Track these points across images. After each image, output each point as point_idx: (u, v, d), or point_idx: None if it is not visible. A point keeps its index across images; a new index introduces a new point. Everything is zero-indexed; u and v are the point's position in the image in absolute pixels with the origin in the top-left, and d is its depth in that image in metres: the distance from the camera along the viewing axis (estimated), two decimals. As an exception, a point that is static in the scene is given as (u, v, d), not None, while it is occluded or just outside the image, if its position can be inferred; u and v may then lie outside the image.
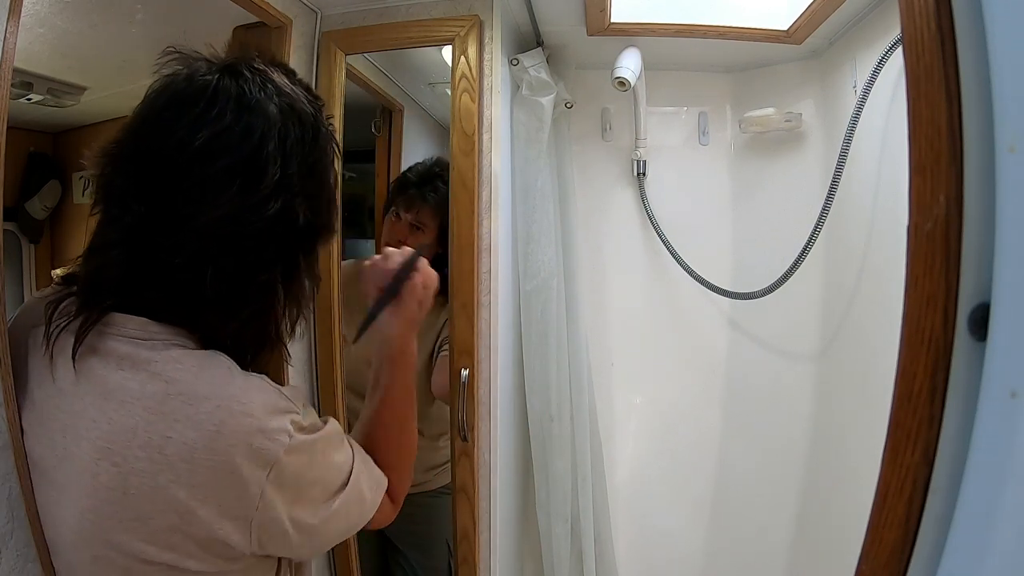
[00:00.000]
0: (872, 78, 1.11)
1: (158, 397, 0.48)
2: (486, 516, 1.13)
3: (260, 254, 0.54)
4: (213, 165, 0.50)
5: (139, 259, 0.51)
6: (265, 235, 0.53)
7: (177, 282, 0.51)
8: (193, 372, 0.50)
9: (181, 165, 0.50)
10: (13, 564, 0.52)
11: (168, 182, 0.50)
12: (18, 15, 0.56)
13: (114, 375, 0.49)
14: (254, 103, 0.52)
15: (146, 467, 0.47)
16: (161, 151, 0.50)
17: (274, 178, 0.52)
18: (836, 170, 1.21)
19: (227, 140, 0.51)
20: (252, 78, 0.54)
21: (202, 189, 0.50)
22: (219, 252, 0.51)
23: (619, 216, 1.57)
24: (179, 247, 0.50)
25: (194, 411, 0.48)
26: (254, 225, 0.52)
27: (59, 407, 0.51)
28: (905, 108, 0.33)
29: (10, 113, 0.56)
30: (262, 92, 0.53)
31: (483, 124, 1.12)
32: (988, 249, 0.29)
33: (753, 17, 1.29)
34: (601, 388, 1.49)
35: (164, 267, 0.51)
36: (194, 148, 0.49)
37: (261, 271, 0.54)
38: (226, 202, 0.50)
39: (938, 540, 0.30)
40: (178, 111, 0.51)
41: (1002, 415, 0.27)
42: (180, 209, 0.50)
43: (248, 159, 0.51)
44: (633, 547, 1.55)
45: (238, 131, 0.51)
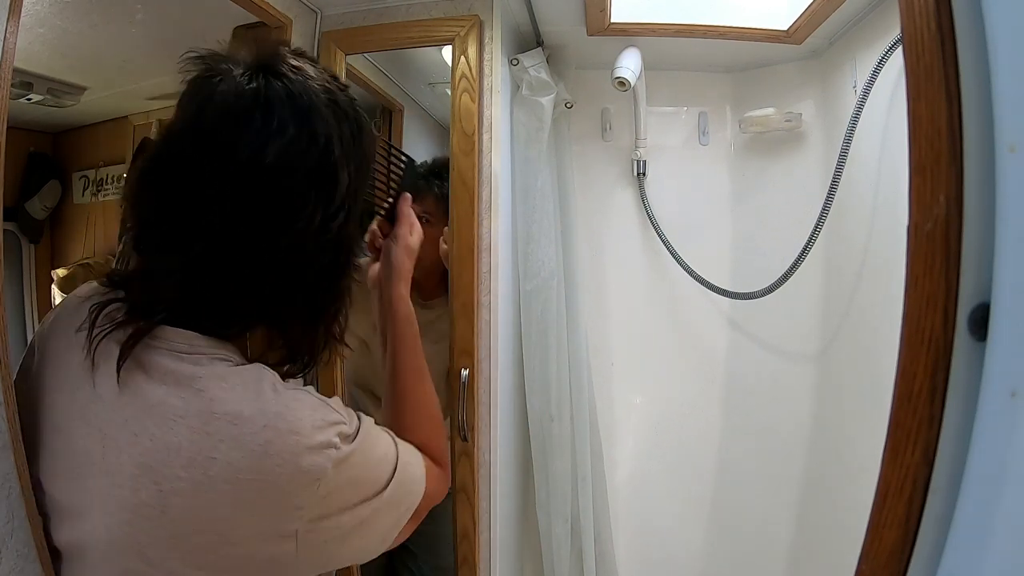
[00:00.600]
0: (872, 78, 1.11)
1: (203, 416, 0.47)
2: (486, 516, 1.13)
3: (338, 260, 0.54)
4: (290, 179, 0.48)
5: (205, 284, 0.50)
6: (343, 241, 0.53)
7: (250, 302, 0.51)
8: (238, 391, 0.48)
9: (256, 184, 0.48)
10: (13, 564, 0.52)
11: (242, 204, 0.48)
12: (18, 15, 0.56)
13: (157, 390, 0.48)
14: (308, 106, 0.50)
15: (188, 488, 0.46)
16: (227, 171, 0.48)
17: (345, 184, 0.52)
18: (836, 170, 1.21)
19: (297, 150, 0.49)
20: (295, 78, 0.51)
21: (283, 206, 0.49)
22: (304, 265, 0.51)
23: (619, 216, 1.57)
24: (259, 269, 0.49)
25: (239, 431, 0.46)
26: (333, 233, 0.51)
27: (98, 414, 0.49)
28: (905, 108, 0.33)
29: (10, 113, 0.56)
30: (309, 93, 0.51)
31: (483, 124, 1.12)
32: (988, 249, 0.29)
33: (753, 17, 1.29)
34: (601, 388, 1.49)
35: (238, 289, 0.50)
36: (267, 164, 0.47)
37: (341, 277, 0.55)
38: (308, 216, 0.49)
39: (938, 540, 0.30)
40: (236, 126, 0.48)
41: (1002, 415, 0.27)
42: (259, 231, 0.48)
43: (320, 168, 0.50)
44: (633, 546, 1.55)
45: (305, 139, 0.49)
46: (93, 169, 1.00)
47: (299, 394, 0.51)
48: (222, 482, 0.46)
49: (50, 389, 0.52)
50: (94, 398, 0.49)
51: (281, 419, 0.48)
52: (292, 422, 0.48)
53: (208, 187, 0.48)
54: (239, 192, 0.48)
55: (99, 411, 0.49)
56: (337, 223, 0.52)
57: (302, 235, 0.50)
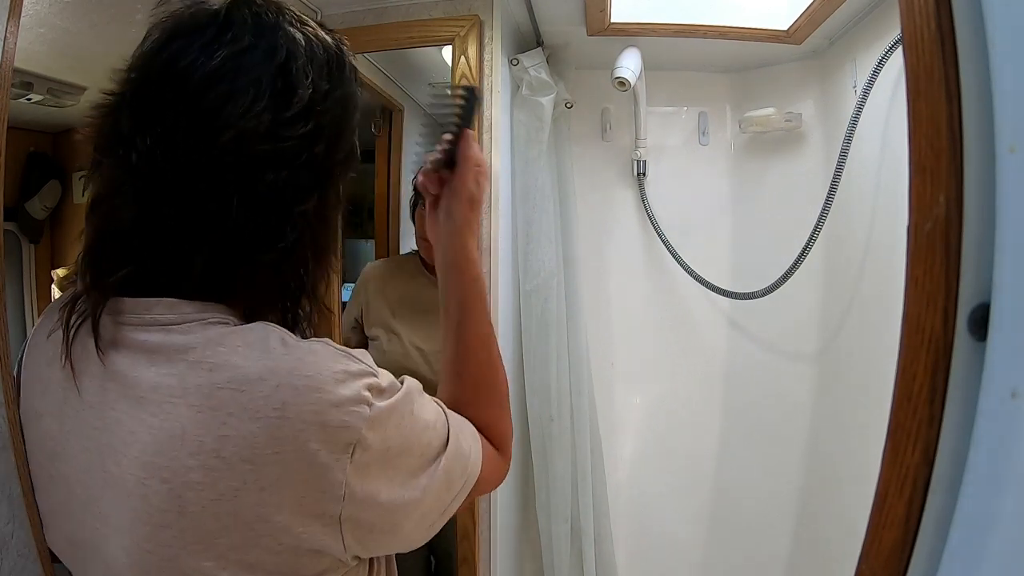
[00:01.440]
0: (872, 78, 1.11)
1: (204, 390, 0.40)
2: (486, 516, 1.13)
3: (296, 178, 0.45)
4: (236, 81, 0.43)
5: (152, 202, 0.43)
6: (301, 156, 0.45)
7: (202, 224, 0.43)
8: (240, 352, 0.41)
9: (197, 86, 0.42)
10: (14, 565, 0.52)
11: (182, 107, 0.42)
12: (18, 15, 0.56)
13: (146, 373, 0.42)
14: (273, 25, 0.45)
15: (201, 477, 0.39)
16: (170, 78, 0.43)
17: (307, 93, 0.45)
18: (836, 170, 1.21)
19: (250, 59, 0.43)
20: (267, 5, 0.47)
21: (225, 105, 0.42)
22: (252, 172, 0.43)
23: (619, 216, 1.57)
24: (201, 172, 0.43)
25: (248, 398, 0.39)
26: (289, 142, 0.44)
27: (91, 424, 0.43)
28: (905, 108, 0.33)
29: (10, 113, 0.56)
30: (280, 17, 0.46)
31: (483, 124, 1.12)
32: (988, 249, 0.29)
33: (753, 17, 1.29)
34: (601, 388, 1.49)
35: (185, 207, 0.43)
36: (211, 67, 0.42)
37: (297, 200, 0.46)
38: (256, 115, 0.43)
39: (938, 540, 0.30)
40: (186, 39, 0.43)
41: (1002, 415, 0.27)
42: (200, 131, 0.42)
43: (276, 73, 0.44)
44: (633, 546, 1.55)
45: (261, 49, 0.44)
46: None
47: (314, 345, 0.43)
48: (240, 462, 0.39)
49: (39, 417, 0.47)
50: (82, 407, 0.44)
51: (296, 374, 0.40)
52: (311, 376, 0.40)
53: (148, 101, 0.43)
54: (178, 97, 0.42)
55: (90, 419, 0.43)
56: (297, 132, 0.44)
57: (250, 136, 0.43)
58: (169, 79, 0.43)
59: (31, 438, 0.49)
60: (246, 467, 0.39)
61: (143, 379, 0.42)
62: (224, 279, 0.45)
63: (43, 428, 0.47)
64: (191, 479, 0.39)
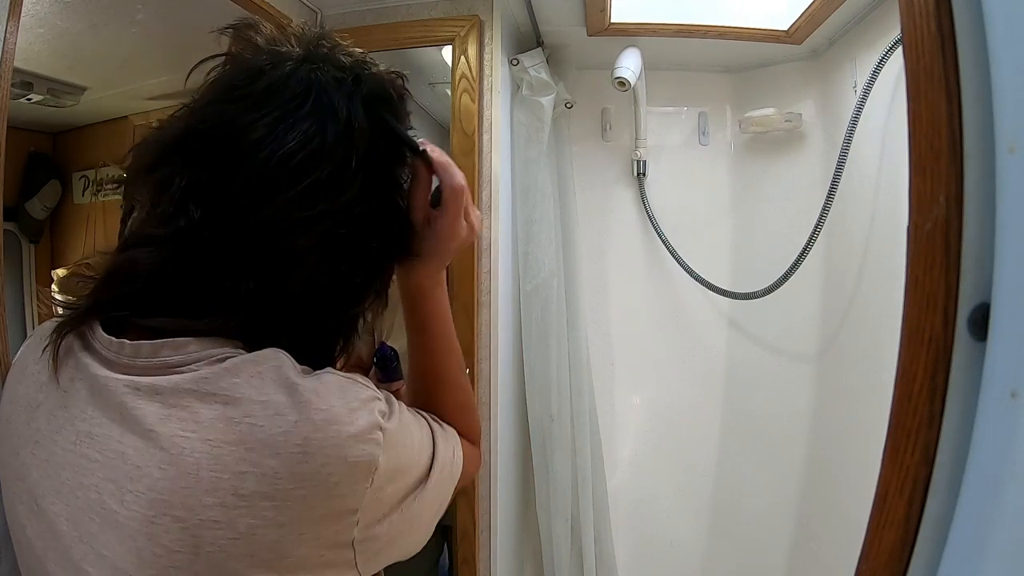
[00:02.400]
0: (872, 78, 1.11)
1: (219, 424, 0.39)
2: (486, 516, 1.13)
3: (364, 282, 0.48)
4: (308, 158, 0.43)
5: (184, 264, 0.43)
6: (374, 257, 0.48)
7: (234, 291, 0.43)
8: (255, 384, 0.40)
9: (266, 159, 0.42)
10: (13, 565, 0.52)
11: (246, 180, 0.43)
12: (18, 15, 0.57)
13: (150, 406, 0.40)
14: (344, 89, 0.46)
15: (219, 516, 0.37)
16: (233, 143, 0.43)
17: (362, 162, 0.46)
18: (836, 170, 1.21)
19: (318, 131, 0.44)
20: (339, 64, 0.47)
21: (294, 182, 0.43)
22: (320, 275, 0.45)
23: (619, 216, 1.57)
24: (251, 247, 0.43)
25: (267, 433, 0.38)
26: (347, 222, 0.45)
27: (89, 457, 0.41)
28: (905, 108, 0.33)
29: (10, 113, 0.56)
30: (350, 81, 0.47)
31: (483, 124, 1.12)
32: (988, 249, 0.29)
33: (753, 17, 1.29)
34: (601, 388, 1.49)
35: (225, 274, 0.43)
36: (285, 145, 0.42)
37: (357, 302, 0.49)
38: (307, 202, 0.43)
39: (938, 540, 0.30)
40: (255, 101, 0.44)
41: (1002, 415, 0.27)
42: (262, 205, 0.42)
43: (338, 142, 0.45)
44: (633, 546, 1.55)
45: (329, 119, 0.44)
46: (93, 169, 1.00)
47: (324, 376, 0.43)
48: (261, 499, 0.38)
49: (24, 445, 0.44)
50: (78, 438, 0.42)
51: (314, 408, 0.40)
52: (327, 409, 0.40)
53: (214, 162, 0.44)
54: (244, 169, 0.43)
55: (87, 451, 0.41)
56: (348, 214, 0.45)
57: (311, 215, 0.43)
58: (236, 151, 0.43)
59: (9, 467, 0.45)
60: (266, 504, 0.38)
61: (148, 412, 0.40)
62: (266, 337, 0.45)
63: (26, 457, 0.43)
64: (208, 518, 0.37)
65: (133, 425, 0.40)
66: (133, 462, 0.39)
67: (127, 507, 0.39)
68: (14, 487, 0.45)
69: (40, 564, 0.42)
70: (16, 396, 0.46)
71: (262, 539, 0.38)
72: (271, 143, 0.42)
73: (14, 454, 0.44)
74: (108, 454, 0.40)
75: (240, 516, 0.38)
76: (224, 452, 0.38)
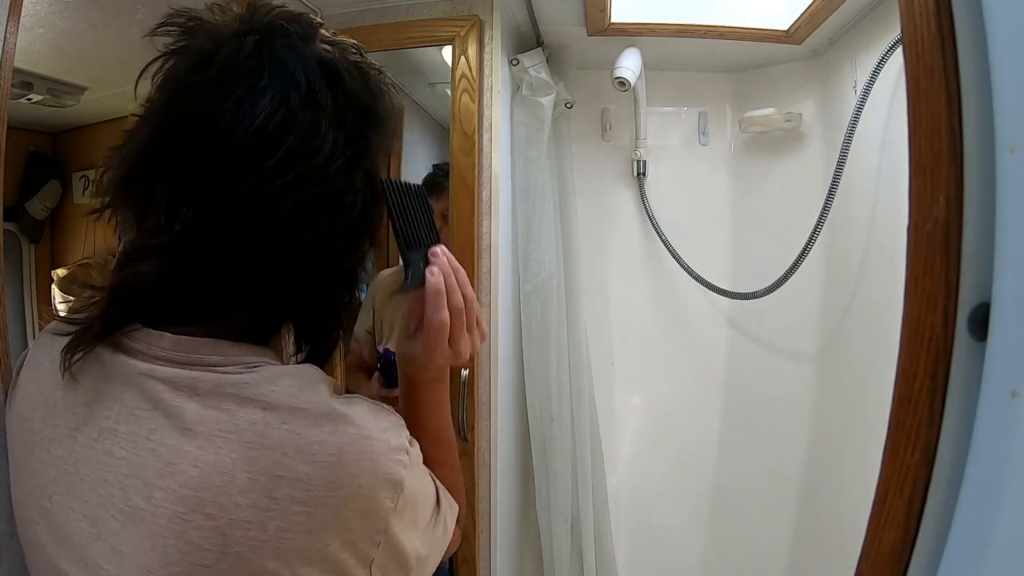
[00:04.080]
0: (872, 78, 1.11)
1: (258, 428, 0.39)
2: (486, 516, 1.13)
3: (351, 236, 0.47)
4: (280, 145, 0.42)
5: (189, 266, 0.43)
6: (356, 214, 0.46)
7: (247, 287, 0.44)
8: (293, 393, 0.41)
9: (249, 151, 0.41)
10: (13, 564, 0.51)
11: (234, 173, 0.42)
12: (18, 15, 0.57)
13: (190, 404, 0.40)
14: (311, 59, 0.44)
15: (251, 517, 0.38)
16: (219, 138, 0.42)
17: (355, 144, 0.45)
18: (836, 170, 1.21)
19: (296, 106, 0.43)
20: (296, 31, 0.45)
21: (281, 161, 0.42)
22: (301, 231, 0.44)
23: (619, 216, 1.57)
24: (254, 240, 0.43)
25: (304, 441, 0.39)
26: (343, 203, 0.45)
27: (113, 454, 0.41)
28: (905, 108, 0.33)
29: (10, 113, 0.56)
30: (314, 46, 0.45)
31: (483, 124, 1.12)
32: (988, 249, 0.28)
33: (753, 17, 1.29)
34: (601, 388, 1.49)
35: (234, 274, 0.44)
36: (258, 120, 0.41)
37: (349, 257, 0.48)
38: (308, 185, 0.43)
39: (938, 540, 0.30)
40: (218, 77, 0.42)
41: (1002, 415, 0.27)
42: (251, 194, 0.42)
43: (319, 116, 0.44)
44: (633, 546, 1.55)
45: (302, 93, 0.43)
46: (93, 169, 1.00)
47: (355, 398, 0.44)
48: (293, 504, 0.38)
49: (39, 442, 0.44)
50: (101, 435, 0.42)
51: (348, 422, 0.41)
52: (360, 424, 0.41)
53: (194, 160, 0.43)
54: (229, 160, 0.42)
55: (111, 448, 0.41)
56: (345, 196, 0.45)
57: (300, 197, 0.43)
58: (216, 142, 0.42)
59: (23, 464, 0.45)
60: (298, 509, 0.39)
61: (187, 410, 0.40)
62: (267, 329, 0.46)
63: (42, 454, 0.43)
64: (240, 517, 0.38)
65: (171, 420, 0.40)
66: (165, 458, 0.39)
67: (155, 504, 0.39)
68: (26, 485, 0.44)
69: (51, 563, 0.42)
70: (30, 394, 0.46)
71: (290, 543, 0.38)
72: (240, 122, 0.41)
73: (29, 451, 0.44)
74: (136, 451, 0.40)
75: (271, 518, 0.38)
76: (261, 455, 0.39)
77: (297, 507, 0.38)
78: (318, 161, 0.43)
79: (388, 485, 0.41)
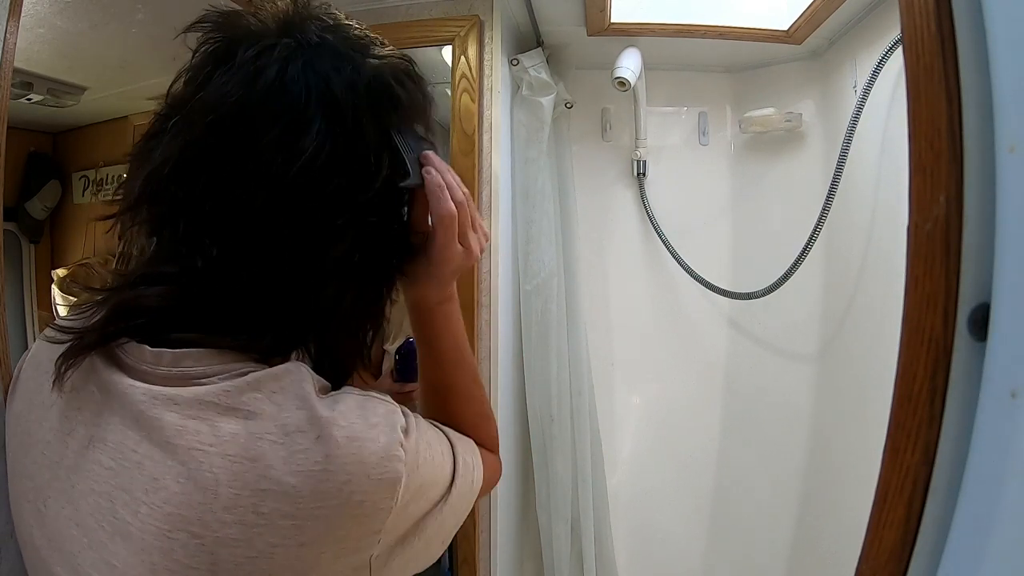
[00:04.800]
0: (872, 78, 1.11)
1: (240, 440, 0.38)
2: (486, 516, 1.13)
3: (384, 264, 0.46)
4: (329, 183, 0.41)
5: (201, 299, 0.42)
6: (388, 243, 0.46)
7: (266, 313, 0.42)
8: (276, 399, 0.39)
9: (283, 180, 0.40)
10: (13, 564, 0.51)
11: (269, 201, 0.40)
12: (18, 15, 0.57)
13: (170, 417, 0.39)
14: (352, 61, 0.44)
15: (237, 534, 0.36)
16: (251, 167, 0.40)
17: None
18: (836, 170, 1.21)
19: (331, 148, 0.41)
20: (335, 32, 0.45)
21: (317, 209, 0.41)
22: (324, 246, 0.42)
23: (619, 216, 1.57)
24: (282, 264, 0.41)
25: (288, 451, 0.37)
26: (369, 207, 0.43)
27: (102, 463, 0.40)
28: (905, 108, 0.33)
29: (10, 113, 0.56)
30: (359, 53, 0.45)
31: (483, 124, 1.12)
32: (988, 249, 0.28)
33: (753, 17, 1.29)
34: (601, 388, 1.49)
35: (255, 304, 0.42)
36: (304, 161, 0.40)
37: (384, 283, 0.47)
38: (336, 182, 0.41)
39: (938, 540, 0.30)
40: (261, 115, 0.40)
41: (1002, 415, 0.27)
42: (302, 239, 0.41)
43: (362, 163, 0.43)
44: (633, 546, 1.55)
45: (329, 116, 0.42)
46: (93, 169, 1.00)
47: (342, 393, 0.42)
48: (280, 518, 0.37)
49: (34, 444, 0.43)
50: (90, 443, 0.40)
51: (335, 425, 0.39)
52: (347, 426, 0.39)
53: (229, 193, 0.41)
54: (275, 195, 0.41)
55: (101, 457, 0.40)
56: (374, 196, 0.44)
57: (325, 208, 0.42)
58: (241, 162, 0.40)
59: (19, 464, 0.45)
60: (287, 523, 0.37)
61: (168, 423, 0.39)
62: (286, 346, 0.44)
63: (37, 455, 0.43)
64: (226, 535, 0.36)
65: (151, 434, 0.39)
66: (150, 473, 0.38)
67: (141, 520, 0.37)
68: (22, 485, 0.44)
69: (45, 566, 0.41)
70: (28, 393, 0.45)
71: (281, 558, 0.37)
72: (286, 154, 0.40)
73: (24, 452, 0.44)
74: (123, 462, 0.39)
75: (259, 534, 0.37)
76: (244, 469, 0.37)
77: (285, 521, 0.37)
78: (370, 195, 0.43)
79: (384, 486, 0.39)
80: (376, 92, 0.44)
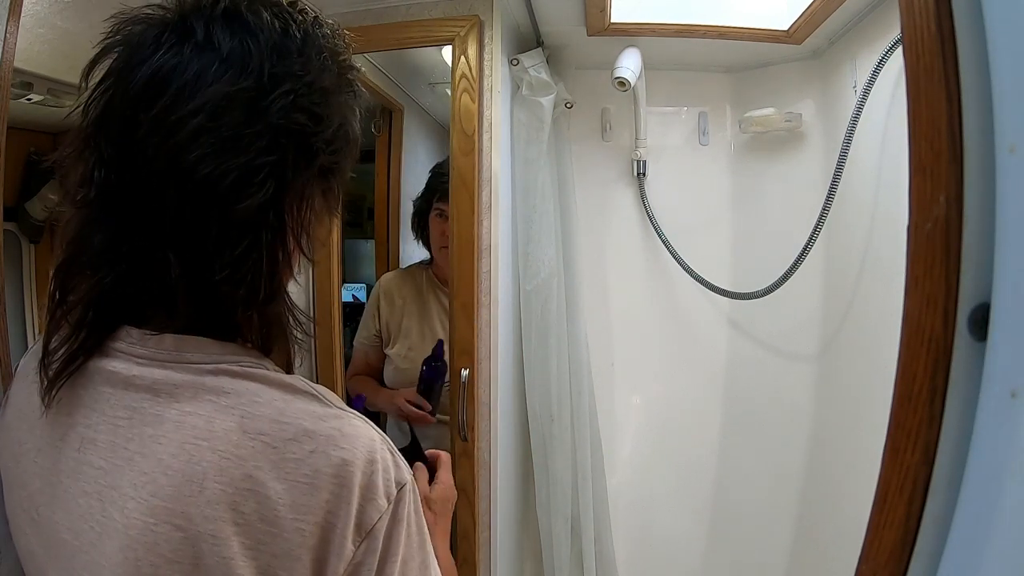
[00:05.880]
0: (872, 78, 1.11)
1: (232, 437, 0.37)
2: (486, 516, 1.13)
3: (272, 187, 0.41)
4: (206, 94, 0.40)
5: (121, 235, 0.40)
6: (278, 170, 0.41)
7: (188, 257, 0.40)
8: (277, 405, 0.39)
9: (166, 100, 0.40)
10: (13, 564, 0.52)
11: (149, 128, 0.40)
12: (18, 15, 0.57)
13: (168, 410, 0.39)
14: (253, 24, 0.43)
15: (219, 530, 0.36)
16: (148, 92, 0.41)
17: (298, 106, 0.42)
18: (836, 170, 1.21)
19: (223, 69, 0.41)
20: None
21: (200, 125, 0.40)
22: (227, 192, 0.39)
23: (619, 216, 1.57)
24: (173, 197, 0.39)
25: (280, 456, 0.37)
26: (263, 157, 0.40)
27: (93, 464, 0.39)
28: (905, 108, 0.33)
29: (10, 113, 0.56)
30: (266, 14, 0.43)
31: (483, 124, 1.12)
32: (988, 249, 0.28)
33: (753, 17, 1.29)
34: (601, 388, 1.49)
35: (160, 235, 0.40)
36: (185, 78, 0.40)
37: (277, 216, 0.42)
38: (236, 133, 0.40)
39: (938, 540, 0.30)
40: (170, 48, 0.41)
41: (1002, 415, 0.27)
42: (166, 154, 0.39)
43: (255, 85, 0.41)
44: (633, 546, 1.55)
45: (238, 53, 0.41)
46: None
47: (354, 420, 0.41)
48: (259, 522, 0.36)
49: (26, 452, 0.43)
50: (82, 445, 0.40)
51: (332, 445, 0.38)
52: (347, 450, 0.38)
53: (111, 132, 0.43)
54: (143, 121, 0.41)
55: (92, 458, 0.40)
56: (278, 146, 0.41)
57: (218, 155, 0.39)
58: (146, 94, 0.41)
59: (10, 473, 0.44)
60: (264, 529, 0.36)
61: (165, 416, 0.39)
62: (216, 314, 0.42)
63: (28, 464, 0.42)
64: (207, 529, 0.36)
65: (147, 428, 0.39)
66: (140, 467, 0.38)
67: (127, 515, 0.37)
68: (16, 494, 0.44)
69: (42, 573, 0.41)
70: (19, 402, 0.45)
71: (252, 563, 0.36)
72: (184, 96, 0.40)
73: (15, 461, 0.44)
74: (114, 460, 0.39)
75: (237, 534, 0.36)
76: (232, 466, 0.37)
77: (263, 526, 0.36)
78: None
79: (362, 521, 0.38)
80: None
